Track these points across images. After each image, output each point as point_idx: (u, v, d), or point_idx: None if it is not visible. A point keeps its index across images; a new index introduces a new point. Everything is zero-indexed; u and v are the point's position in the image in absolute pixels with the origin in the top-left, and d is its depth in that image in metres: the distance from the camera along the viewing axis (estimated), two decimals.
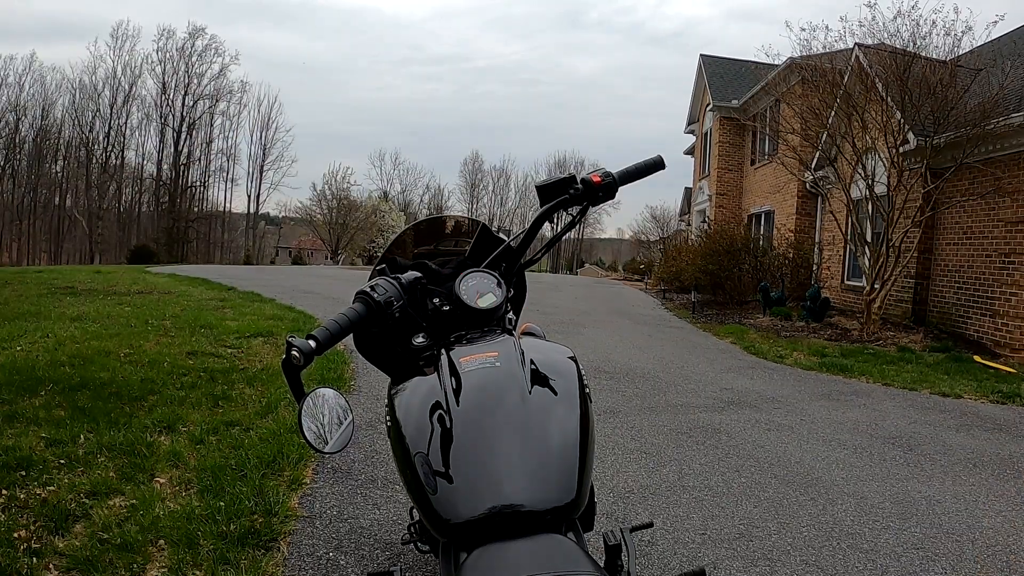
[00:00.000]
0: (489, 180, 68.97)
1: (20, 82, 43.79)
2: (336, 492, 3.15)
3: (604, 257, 78.45)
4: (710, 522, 3.11)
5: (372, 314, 1.38)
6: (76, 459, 3.20)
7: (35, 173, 44.91)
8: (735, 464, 3.96)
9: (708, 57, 22.09)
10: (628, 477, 3.64)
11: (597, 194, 1.69)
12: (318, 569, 2.47)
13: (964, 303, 9.81)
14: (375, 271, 1.70)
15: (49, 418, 3.67)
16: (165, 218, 44.32)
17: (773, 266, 14.42)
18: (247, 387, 4.71)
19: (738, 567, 2.69)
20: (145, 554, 2.43)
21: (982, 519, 3.34)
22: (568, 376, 1.39)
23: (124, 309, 8.06)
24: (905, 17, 10.38)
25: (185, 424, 3.81)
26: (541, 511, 1.14)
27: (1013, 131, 8.67)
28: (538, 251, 1.86)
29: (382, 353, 1.63)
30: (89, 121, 44.28)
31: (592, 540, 1.93)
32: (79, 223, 43.22)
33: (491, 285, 1.59)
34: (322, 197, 46.86)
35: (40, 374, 4.44)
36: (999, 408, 5.98)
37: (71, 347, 5.37)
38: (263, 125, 51.06)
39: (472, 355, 1.39)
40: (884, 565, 2.79)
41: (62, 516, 2.64)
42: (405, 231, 2.08)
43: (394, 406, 1.40)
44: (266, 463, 3.30)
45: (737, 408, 5.41)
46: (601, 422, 4.64)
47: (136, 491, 2.91)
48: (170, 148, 45.97)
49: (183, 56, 46.00)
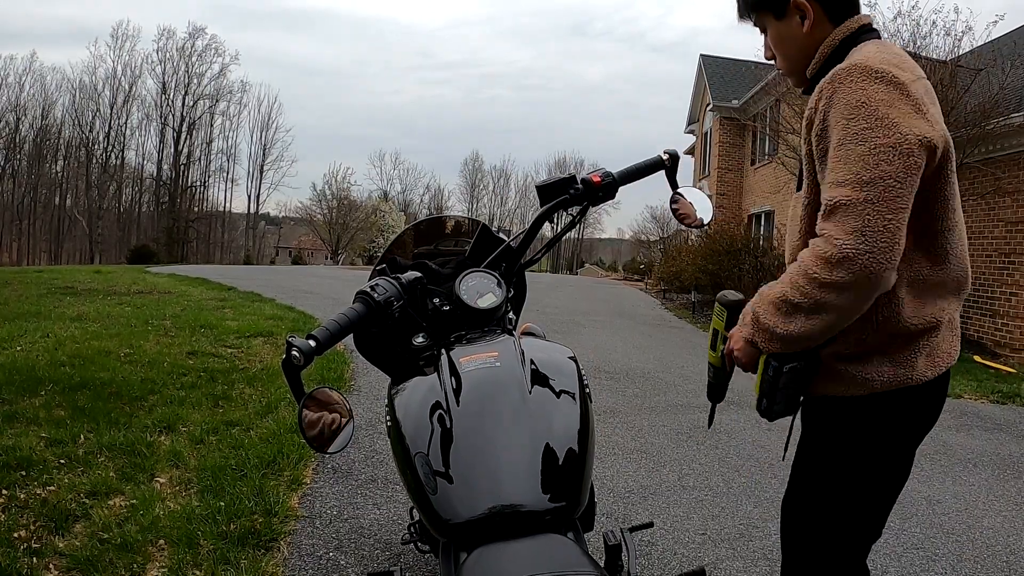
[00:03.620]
0: (489, 180, 68.96)
1: (20, 82, 43.82)
2: (336, 492, 3.15)
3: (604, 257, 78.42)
4: (710, 522, 3.11)
5: (372, 314, 1.38)
6: (76, 459, 3.20)
7: (35, 173, 44.91)
8: (735, 464, 3.95)
9: (708, 57, 22.07)
10: (628, 477, 3.64)
11: (597, 194, 1.69)
12: (318, 569, 2.47)
13: (964, 303, 9.80)
14: (375, 271, 1.70)
15: (49, 418, 3.67)
16: (165, 218, 44.30)
17: (773, 266, 14.41)
18: (247, 387, 4.71)
19: (738, 567, 2.69)
20: (145, 554, 2.43)
21: (982, 519, 3.34)
22: (568, 376, 1.39)
23: (124, 309, 8.06)
24: (905, 17, 10.35)
25: (185, 424, 3.81)
26: (541, 511, 1.14)
27: (1013, 131, 8.66)
28: (538, 251, 1.86)
29: (382, 353, 1.63)
30: (89, 121, 44.31)
31: (592, 540, 1.92)
32: (79, 223, 43.22)
33: (491, 285, 1.59)
34: (322, 197, 46.93)
35: (40, 374, 4.44)
36: (999, 408, 5.98)
37: (71, 347, 5.37)
38: (263, 125, 51.04)
39: (472, 355, 1.39)
40: (884, 565, 2.79)
41: (62, 516, 2.63)
42: (405, 231, 2.08)
43: (394, 406, 1.40)
44: (266, 463, 3.30)
45: (737, 408, 5.41)
46: (601, 422, 4.64)
47: (136, 491, 2.91)
48: (170, 148, 45.99)
49: (183, 56, 46.02)
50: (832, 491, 1.40)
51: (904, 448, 1.40)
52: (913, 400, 1.35)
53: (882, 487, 1.41)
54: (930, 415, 1.41)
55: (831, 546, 1.42)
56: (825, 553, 1.43)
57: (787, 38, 1.43)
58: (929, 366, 1.33)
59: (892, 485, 1.43)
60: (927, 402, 1.38)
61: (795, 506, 1.50)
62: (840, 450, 1.39)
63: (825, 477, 1.41)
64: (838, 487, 1.39)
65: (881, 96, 1.17)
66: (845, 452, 1.38)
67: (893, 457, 1.39)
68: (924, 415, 1.39)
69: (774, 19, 1.43)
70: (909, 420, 1.37)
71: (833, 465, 1.40)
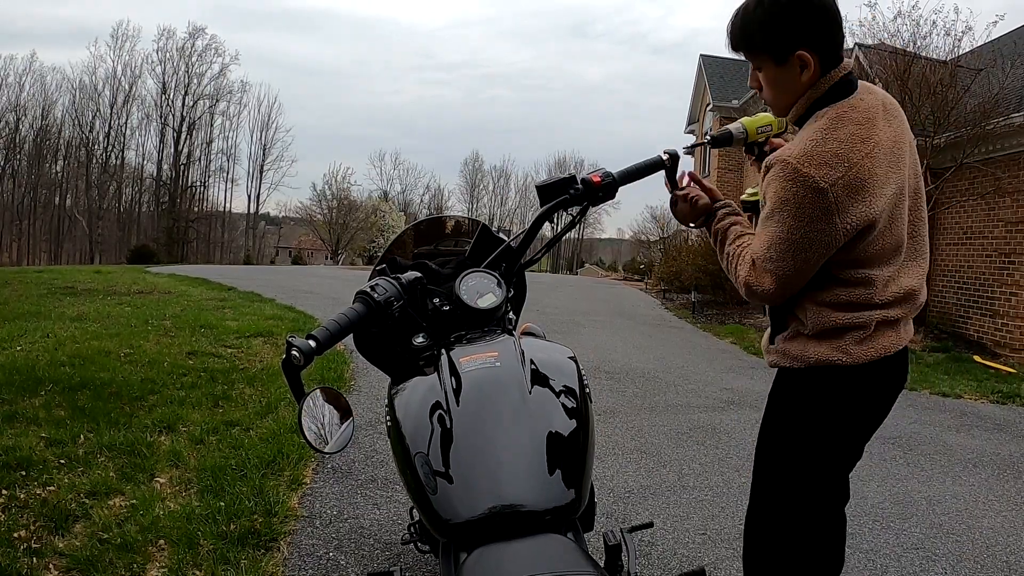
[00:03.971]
0: (489, 180, 68.91)
1: (20, 82, 43.79)
2: (336, 492, 3.15)
3: (604, 257, 78.39)
4: (710, 522, 3.11)
5: (372, 314, 1.38)
6: (76, 459, 3.20)
7: (35, 173, 44.87)
8: (735, 464, 3.95)
9: (708, 57, 22.08)
10: (628, 477, 3.64)
11: (597, 194, 1.69)
12: (318, 569, 2.47)
13: (964, 303, 9.80)
14: (375, 271, 1.70)
15: (49, 418, 3.67)
16: (165, 218, 44.28)
17: None
18: (247, 387, 4.71)
19: (738, 567, 2.69)
20: (145, 554, 2.43)
21: (982, 519, 3.34)
22: (568, 376, 1.39)
23: (124, 309, 8.06)
24: (905, 17, 10.35)
25: (185, 424, 3.81)
26: (541, 511, 1.13)
27: (1013, 131, 8.66)
28: (538, 251, 1.86)
29: (382, 353, 1.63)
30: (89, 121, 44.29)
31: (592, 540, 1.92)
32: (79, 223, 43.21)
33: (491, 285, 1.59)
34: (322, 197, 46.90)
35: (40, 374, 4.44)
36: (999, 408, 5.98)
37: (71, 347, 5.37)
38: (263, 125, 50.99)
39: (472, 355, 1.39)
40: (884, 565, 2.79)
41: (62, 516, 2.64)
42: (405, 231, 2.08)
43: (394, 406, 1.39)
44: (266, 463, 3.30)
45: (737, 408, 5.41)
46: (601, 422, 4.64)
47: (136, 491, 2.91)
48: (170, 148, 45.96)
49: (183, 56, 45.98)
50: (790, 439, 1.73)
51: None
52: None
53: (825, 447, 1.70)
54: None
55: (794, 489, 1.72)
56: (789, 494, 1.73)
57: (782, 82, 1.58)
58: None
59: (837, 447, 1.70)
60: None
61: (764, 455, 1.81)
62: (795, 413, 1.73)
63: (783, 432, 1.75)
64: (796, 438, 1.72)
65: (800, 198, 1.46)
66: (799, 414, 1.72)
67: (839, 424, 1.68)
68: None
69: (773, 64, 1.57)
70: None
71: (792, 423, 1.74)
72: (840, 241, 1.49)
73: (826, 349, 1.59)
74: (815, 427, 1.66)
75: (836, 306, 1.57)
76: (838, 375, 1.60)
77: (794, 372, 1.67)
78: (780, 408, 1.74)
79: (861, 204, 1.47)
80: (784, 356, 1.67)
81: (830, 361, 1.58)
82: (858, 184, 1.46)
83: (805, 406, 1.67)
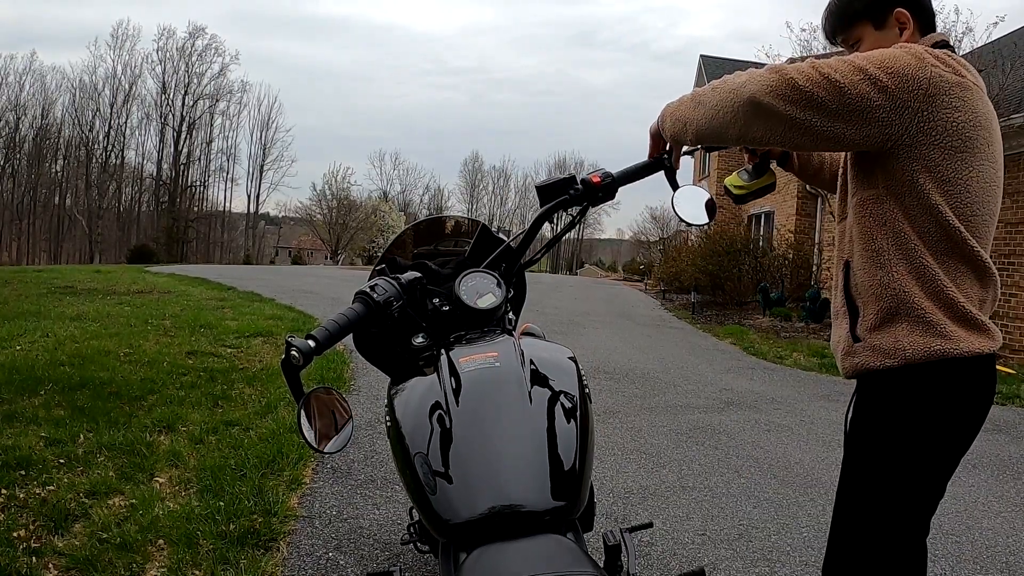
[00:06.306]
0: (489, 180, 68.94)
1: (20, 81, 43.82)
2: (336, 492, 3.15)
3: (604, 257, 78.39)
4: (710, 523, 3.11)
5: (372, 314, 1.37)
6: (76, 459, 3.20)
7: (35, 173, 44.88)
8: (735, 465, 3.95)
9: (708, 58, 22.11)
10: (628, 477, 3.64)
11: (597, 194, 1.68)
12: (318, 569, 2.47)
13: None
14: (375, 271, 1.70)
15: (49, 418, 3.67)
16: (165, 218, 44.28)
17: (773, 267, 14.42)
18: (247, 387, 4.71)
19: (738, 567, 2.69)
20: (145, 554, 2.43)
21: (982, 519, 3.34)
22: (568, 376, 1.38)
23: (124, 309, 8.06)
24: None
25: (185, 424, 3.81)
26: (541, 511, 1.13)
27: (1013, 132, 8.66)
28: (538, 251, 1.85)
29: (382, 353, 1.62)
30: (89, 120, 44.29)
31: (592, 540, 1.92)
32: (79, 223, 43.21)
33: (491, 285, 1.58)
34: (322, 197, 46.92)
35: (40, 374, 4.44)
36: (999, 408, 5.98)
37: (71, 347, 5.37)
38: (263, 125, 51.04)
39: (472, 355, 1.38)
40: None
41: (62, 516, 2.63)
42: (405, 231, 2.08)
43: (394, 406, 1.39)
44: (266, 463, 3.30)
45: (737, 409, 5.41)
46: (601, 422, 4.64)
47: (136, 491, 2.91)
48: (170, 148, 45.99)
49: (183, 56, 46.01)
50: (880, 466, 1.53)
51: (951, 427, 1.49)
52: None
53: (926, 467, 1.52)
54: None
55: (881, 524, 1.52)
56: (875, 530, 1.53)
57: (884, 47, 1.51)
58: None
59: (937, 465, 1.53)
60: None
61: (850, 485, 1.62)
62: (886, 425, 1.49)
63: (874, 453, 1.54)
64: (886, 463, 1.51)
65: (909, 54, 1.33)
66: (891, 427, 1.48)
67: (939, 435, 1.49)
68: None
69: (873, 29, 1.54)
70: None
71: (881, 441, 1.51)
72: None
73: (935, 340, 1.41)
74: (923, 440, 1.48)
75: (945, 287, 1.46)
76: (948, 370, 1.43)
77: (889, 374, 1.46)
78: (875, 423, 1.51)
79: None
80: (876, 353, 1.47)
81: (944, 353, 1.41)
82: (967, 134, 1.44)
83: (912, 414, 1.45)
